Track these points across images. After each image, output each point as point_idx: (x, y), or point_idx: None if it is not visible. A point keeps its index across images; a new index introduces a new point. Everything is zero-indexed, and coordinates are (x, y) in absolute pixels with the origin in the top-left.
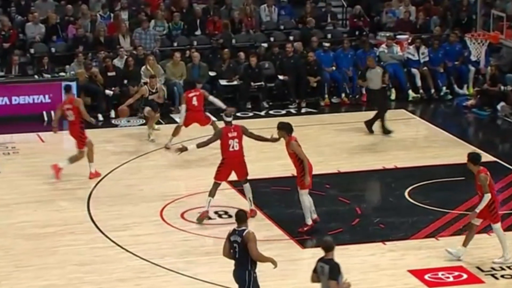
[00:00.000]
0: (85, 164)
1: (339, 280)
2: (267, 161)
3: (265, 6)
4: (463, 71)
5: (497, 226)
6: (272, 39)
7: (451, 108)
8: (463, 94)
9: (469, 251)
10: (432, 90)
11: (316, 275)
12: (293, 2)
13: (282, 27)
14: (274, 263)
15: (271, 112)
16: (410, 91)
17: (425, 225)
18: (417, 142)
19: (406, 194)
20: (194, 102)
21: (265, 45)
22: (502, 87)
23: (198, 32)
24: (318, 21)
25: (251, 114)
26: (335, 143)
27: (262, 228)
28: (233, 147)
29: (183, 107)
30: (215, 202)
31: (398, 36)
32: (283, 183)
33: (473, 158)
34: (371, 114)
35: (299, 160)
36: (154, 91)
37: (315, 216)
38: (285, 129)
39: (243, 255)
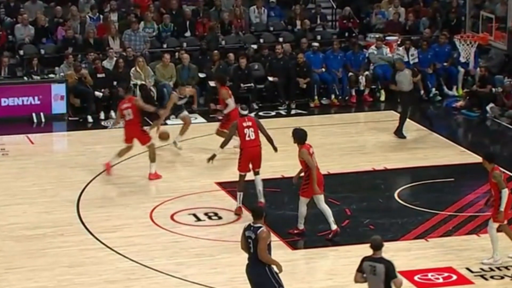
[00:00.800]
0: (72, 166)
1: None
2: None
3: (254, 8)
4: (453, 73)
5: (495, 225)
6: (261, 40)
7: (441, 109)
8: (453, 96)
9: (458, 252)
10: (422, 92)
11: (361, 275)
12: (282, 3)
13: (271, 28)
14: (279, 267)
15: (260, 113)
16: None
17: (415, 226)
18: (406, 143)
19: (395, 195)
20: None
21: (254, 46)
22: (494, 89)
23: (187, 34)
24: (307, 23)
25: None
26: (325, 144)
27: None
28: (249, 136)
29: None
30: (204, 203)
31: (388, 38)
32: (273, 185)
33: (488, 156)
34: (360, 115)
35: (307, 168)
36: (182, 97)
37: (334, 226)
38: (295, 137)
39: (256, 252)
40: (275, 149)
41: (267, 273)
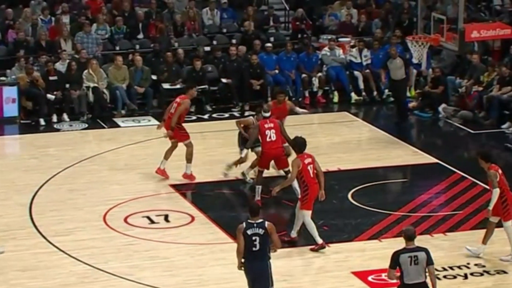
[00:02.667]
0: (24, 169)
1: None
2: (211, 164)
3: (207, 10)
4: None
5: (508, 223)
6: (214, 42)
7: (394, 110)
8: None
9: None
10: (375, 93)
11: (394, 271)
12: (235, 5)
13: (224, 30)
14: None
15: (214, 115)
16: (352, 94)
17: (369, 227)
18: (360, 144)
19: (349, 196)
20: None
21: (208, 48)
22: (460, 90)
23: (140, 36)
24: (260, 24)
25: (194, 117)
26: None
27: (206, 232)
28: (270, 137)
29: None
30: (158, 206)
31: (340, 39)
32: (227, 187)
33: (484, 155)
34: (314, 117)
35: (301, 179)
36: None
37: (295, 235)
38: (292, 146)
39: (264, 247)
40: (295, 151)
41: (268, 268)
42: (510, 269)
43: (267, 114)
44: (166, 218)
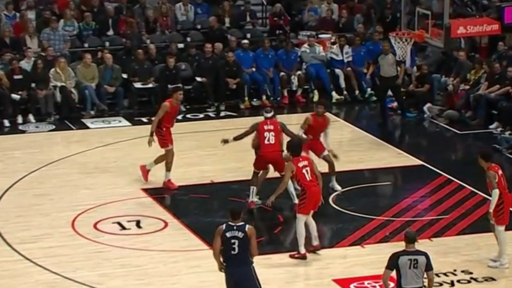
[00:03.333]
0: None
1: None
2: (185, 167)
3: (180, 5)
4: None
5: (501, 228)
6: (188, 39)
7: (376, 110)
8: (389, 96)
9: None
10: (357, 92)
11: (390, 273)
12: (210, 0)
13: (198, 26)
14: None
15: (188, 116)
16: (333, 93)
17: (350, 233)
18: (341, 146)
19: (330, 200)
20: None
21: (181, 45)
22: (448, 87)
23: (110, 32)
24: (236, 20)
25: None
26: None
27: (179, 238)
28: (268, 140)
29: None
30: (129, 211)
31: (320, 35)
32: (202, 191)
33: (484, 154)
34: (293, 117)
35: (298, 183)
36: None
37: (316, 242)
38: (287, 148)
39: (242, 251)
40: (290, 154)
41: (252, 273)
42: (498, 276)
43: (269, 115)
44: (138, 224)
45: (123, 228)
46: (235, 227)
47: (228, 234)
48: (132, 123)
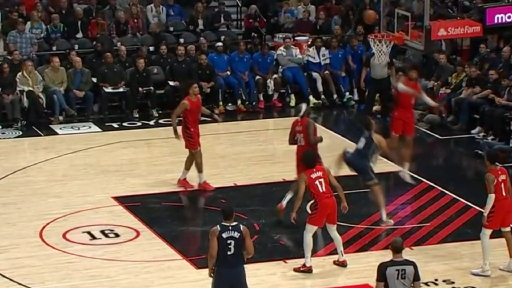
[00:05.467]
0: None
1: None
2: (158, 174)
3: (152, 6)
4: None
5: (486, 232)
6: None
7: (355, 115)
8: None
9: (375, 268)
10: (335, 96)
11: (382, 285)
12: (182, 1)
13: (171, 29)
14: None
15: (161, 121)
16: (311, 97)
17: (329, 241)
18: (319, 152)
19: (307, 208)
20: None
21: (152, 48)
22: (430, 90)
23: (79, 35)
24: (210, 22)
25: (139, 123)
26: (231, 154)
27: (152, 248)
28: (299, 142)
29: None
30: (100, 220)
31: (297, 38)
32: (175, 199)
33: (490, 155)
34: (269, 122)
35: (310, 194)
36: None
37: (343, 258)
38: (301, 160)
39: (238, 251)
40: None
41: (244, 273)
42: (481, 286)
43: (301, 113)
44: (108, 233)
45: (93, 237)
46: (230, 227)
47: (224, 235)
48: (103, 129)
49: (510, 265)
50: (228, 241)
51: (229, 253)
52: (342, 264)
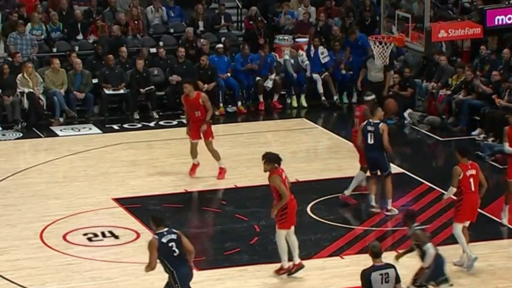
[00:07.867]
0: None
1: None
2: (158, 176)
3: (151, 8)
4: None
5: (456, 225)
6: (161, 43)
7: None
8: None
9: None
10: (335, 97)
11: None
12: (183, 3)
13: (171, 30)
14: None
15: (161, 123)
16: (302, 97)
17: (329, 243)
18: (319, 154)
19: (308, 209)
20: None
21: (153, 50)
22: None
23: (79, 37)
24: (210, 24)
25: (139, 125)
26: (231, 155)
27: None
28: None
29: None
30: (100, 221)
31: (298, 39)
32: (175, 200)
33: (460, 149)
34: (270, 124)
35: (279, 195)
36: None
37: (298, 260)
38: (268, 161)
39: (182, 250)
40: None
41: (192, 272)
42: (481, 287)
43: (369, 98)
44: (109, 235)
45: (94, 239)
46: (165, 232)
47: (164, 240)
48: (103, 130)
49: (462, 259)
50: (170, 244)
51: (175, 254)
52: (299, 268)
